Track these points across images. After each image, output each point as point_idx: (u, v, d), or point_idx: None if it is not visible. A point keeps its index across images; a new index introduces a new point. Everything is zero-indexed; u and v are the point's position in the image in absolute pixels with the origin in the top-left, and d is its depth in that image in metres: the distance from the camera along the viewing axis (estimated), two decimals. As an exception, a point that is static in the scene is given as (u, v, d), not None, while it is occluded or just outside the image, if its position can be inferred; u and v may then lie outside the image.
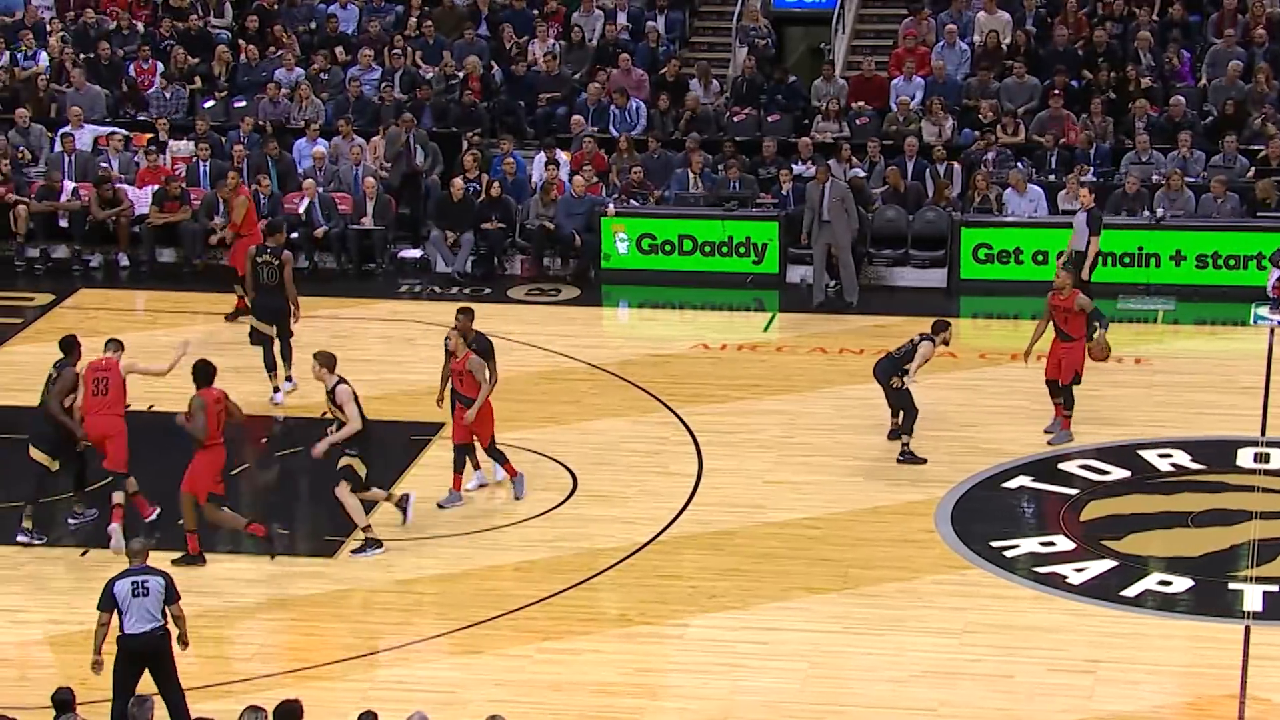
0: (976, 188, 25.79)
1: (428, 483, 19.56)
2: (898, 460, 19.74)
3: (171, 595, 14.43)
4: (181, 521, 17.75)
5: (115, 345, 18.56)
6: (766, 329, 24.47)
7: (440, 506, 18.93)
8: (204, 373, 17.78)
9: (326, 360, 18.03)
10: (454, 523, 18.62)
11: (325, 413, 18.27)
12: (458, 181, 26.29)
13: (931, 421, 20.41)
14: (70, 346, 18.45)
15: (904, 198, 26.18)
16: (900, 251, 25.92)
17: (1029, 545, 18.26)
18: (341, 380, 17.98)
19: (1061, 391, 20.28)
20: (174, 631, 14.48)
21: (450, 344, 18.94)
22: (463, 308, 19.48)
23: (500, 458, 19.16)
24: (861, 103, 28.08)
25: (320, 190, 26.40)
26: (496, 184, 26.35)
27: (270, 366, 21.49)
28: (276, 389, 21.49)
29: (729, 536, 18.39)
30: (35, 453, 18.25)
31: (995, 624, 16.75)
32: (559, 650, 16.31)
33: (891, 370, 19.91)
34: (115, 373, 18.22)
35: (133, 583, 14.35)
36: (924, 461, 19.68)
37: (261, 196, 26.28)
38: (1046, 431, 20.41)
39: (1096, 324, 20.62)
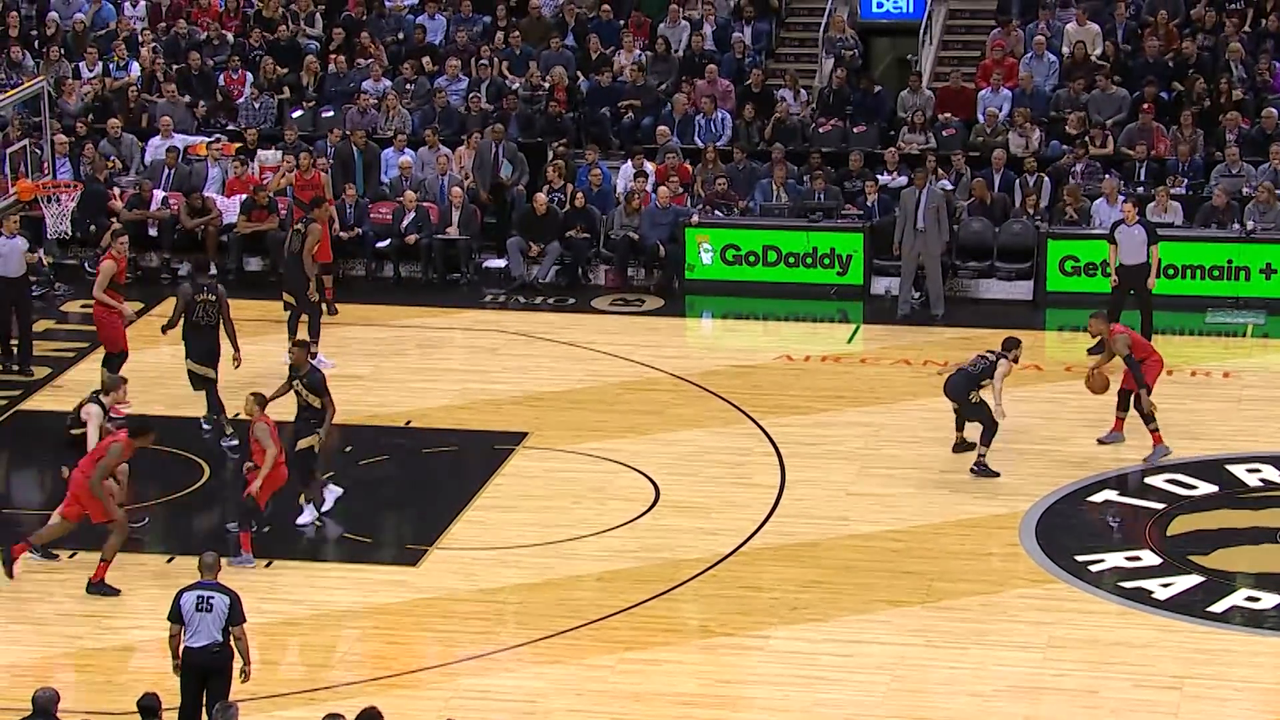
0: (1066, 200, 25.62)
1: (509, 492, 19.60)
2: (971, 471, 19.60)
3: (235, 616, 14.34)
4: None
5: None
6: (850, 340, 24.39)
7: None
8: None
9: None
10: (536, 533, 18.64)
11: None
12: (540, 197, 26.34)
13: (1016, 435, 20.29)
14: None
15: (990, 210, 26.04)
16: (986, 264, 25.78)
17: (1114, 560, 18.11)
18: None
19: (1132, 403, 20.13)
20: (235, 652, 14.44)
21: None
22: (298, 341, 19.89)
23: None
24: (948, 114, 27.95)
25: (400, 200, 26.51)
26: (581, 194, 26.39)
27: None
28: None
29: (811, 548, 18.34)
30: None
31: (1080, 639, 16.62)
32: (640, 661, 16.30)
33: (967, 386, 19.77)
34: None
35: (198, 597, 14.37)
36: (997, 475, 19.55)
37: (348, 205, 26.44)
38: (1100, 441, 20.30)
39: (1099, 355, 20.57)
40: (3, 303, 22.74)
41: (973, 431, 19.90)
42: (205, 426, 20.69)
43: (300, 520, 18.75)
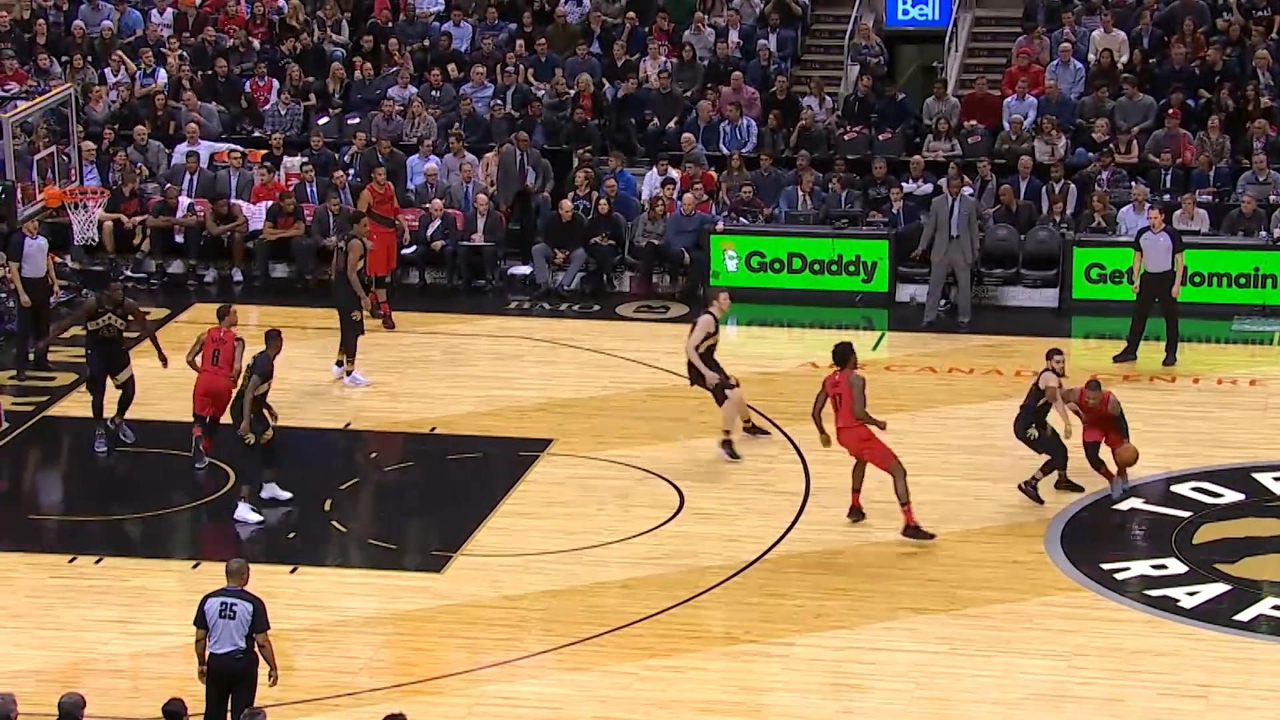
0: (1093, 208, 25.58)
1: (533, 499, 19.62)
2: (1019, 487, 19.39)
3: (259, 623, 14.32)
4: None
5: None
6: (875, 348, 24.36)
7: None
8: (844, 353, 18.84)
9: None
10: (560, 539, 18.65)
11: None
12: (565, 203, 26.36)
13: (1043, 443, 20.24)
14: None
15: (1016, 217, 26.01)
16: (1012, 271, 25.75)
17: (1140, 568, 18.07)
18: None
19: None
20: (260, 659, 14.40)
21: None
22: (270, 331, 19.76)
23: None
24: (974, 121, 27.93)
25: (426, 206, 26.55)
26: (605, 201, 26.41)
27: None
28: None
29: (836, 555, 18.32)
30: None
31: (1105, 647, 16.58)
32: (664, 668, 16.29)
33: (1025, 422, 19.42)
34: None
35: (222, 603, 14.35)
36: (1041, 503, 19.31)
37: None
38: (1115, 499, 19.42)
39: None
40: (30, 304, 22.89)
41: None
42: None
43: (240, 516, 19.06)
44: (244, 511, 19.05)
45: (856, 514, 18.87)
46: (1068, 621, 17.02)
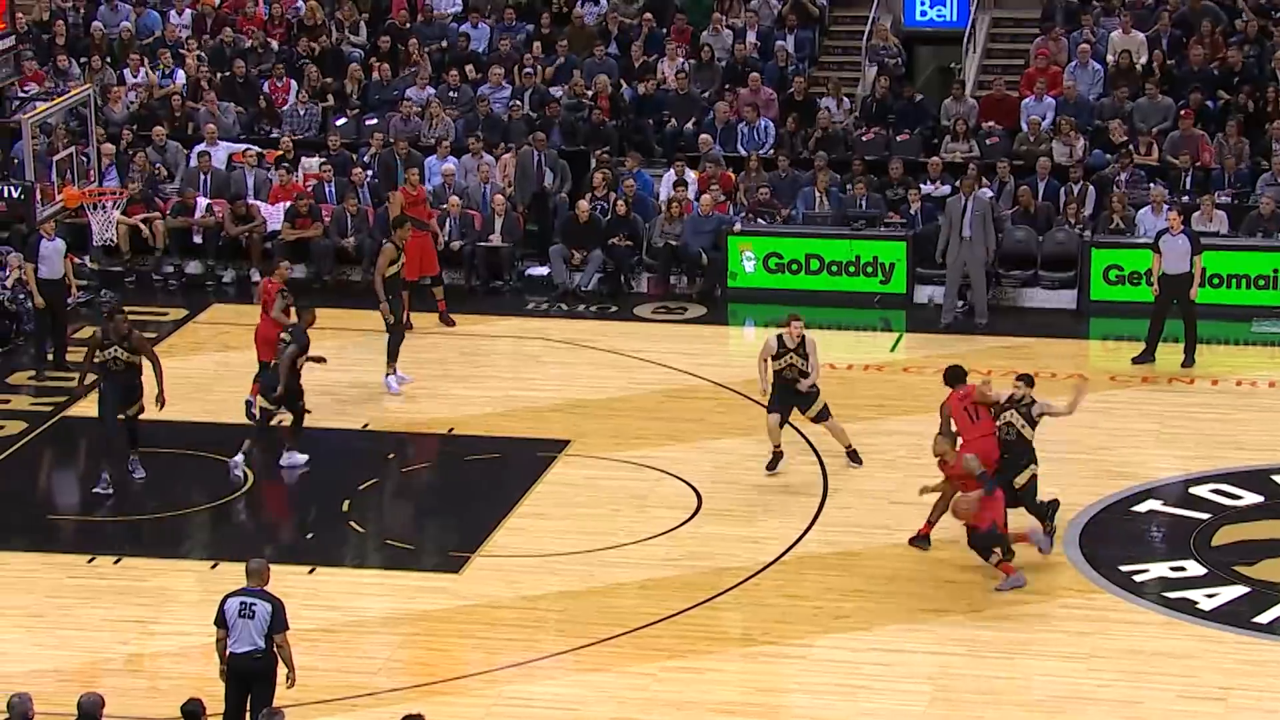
0: (1111, 209, 25.53)
1: (551, 500, 19.62)
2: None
3: (278, 623, 14.34)
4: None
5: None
6: (894, 349, 24.34)
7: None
8: (956, 374, 18.47)
9: None
10: (577, 540, 18.65)
11: None
12: (583, 204, 26.36)
13: (1061, 444, 20.19)
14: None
15: (1034, 218, 25.97)
16: (1030, 272, 25.70)
17: (1159, 570, 18.04)
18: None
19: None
20: (279, 659, 14.44)
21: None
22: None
23: None
24: (992, 122, 27.88)
25: (444, 207, 26.55)
26: (622, 202, 26.41)
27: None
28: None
29: (854, 557, 18.31)
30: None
31: (1123, 649, 16.56)
32: (682, 669, 16.29)
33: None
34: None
35: (241, 603, 14.38)
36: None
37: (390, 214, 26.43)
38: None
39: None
40: (46, 305, 22.93)
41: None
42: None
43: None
44: (292, 458, 19.92)
45: (923, 542, 18.45)
46: (1086, 624, 17.00)
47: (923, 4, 29.78)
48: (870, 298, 25.62)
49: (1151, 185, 25.91)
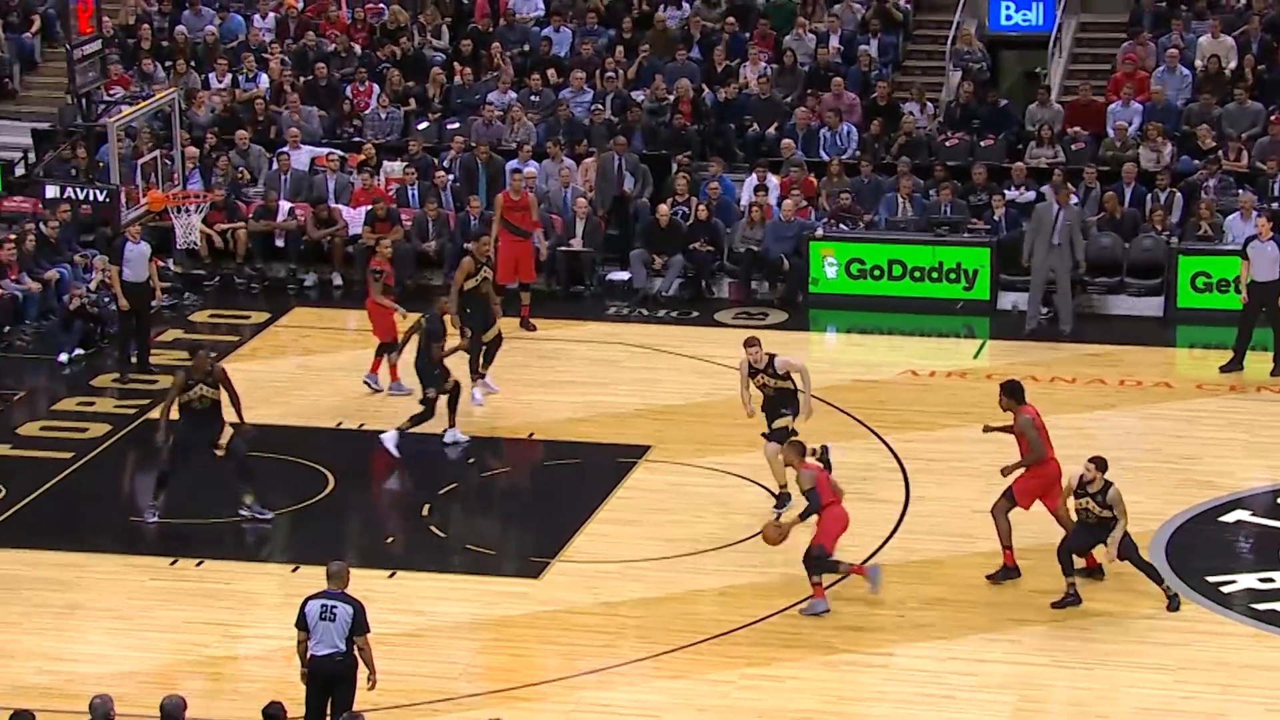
0: (1199, 215, 25.26)
1: (631, 506, 19.57)
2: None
3: (359, 626, 14.33)
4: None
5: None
6: (977, 356, 24.16)
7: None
8: (1015, 390, 17.93)
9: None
10: (658, 546, 18.57)
11: None
12: (663, 208, 26.32)
13: (1147, 453, 20.05)
14: None
15: (1120, 225, 25.73)
16: (1115, 279, 25.47)
17: (1247, 581, 17.80)
18: None
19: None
20: (359, 662, 14.42)
21: None
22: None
23: None
24: (1077, 128, 27.65)
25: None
26: (704, 207, 26.33)
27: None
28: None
29: (936, 565, 18.16)
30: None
31: (1210, 661, 16.35)
32: (762, 676, 16.19)
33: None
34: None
35: (323, 605, 14.37)
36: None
37: (471, 218, 26.50)
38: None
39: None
40: (130, 307, 23.05)
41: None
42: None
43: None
44: (390, 438, 20.30)
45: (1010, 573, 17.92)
46: (1171, 634, 16.80)
47: (1008, 8, 29.58)
48: (953, 304, 25.46)
49: (1240, 191, 25.64)
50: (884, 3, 30.02)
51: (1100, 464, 17.16)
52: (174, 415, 19.06)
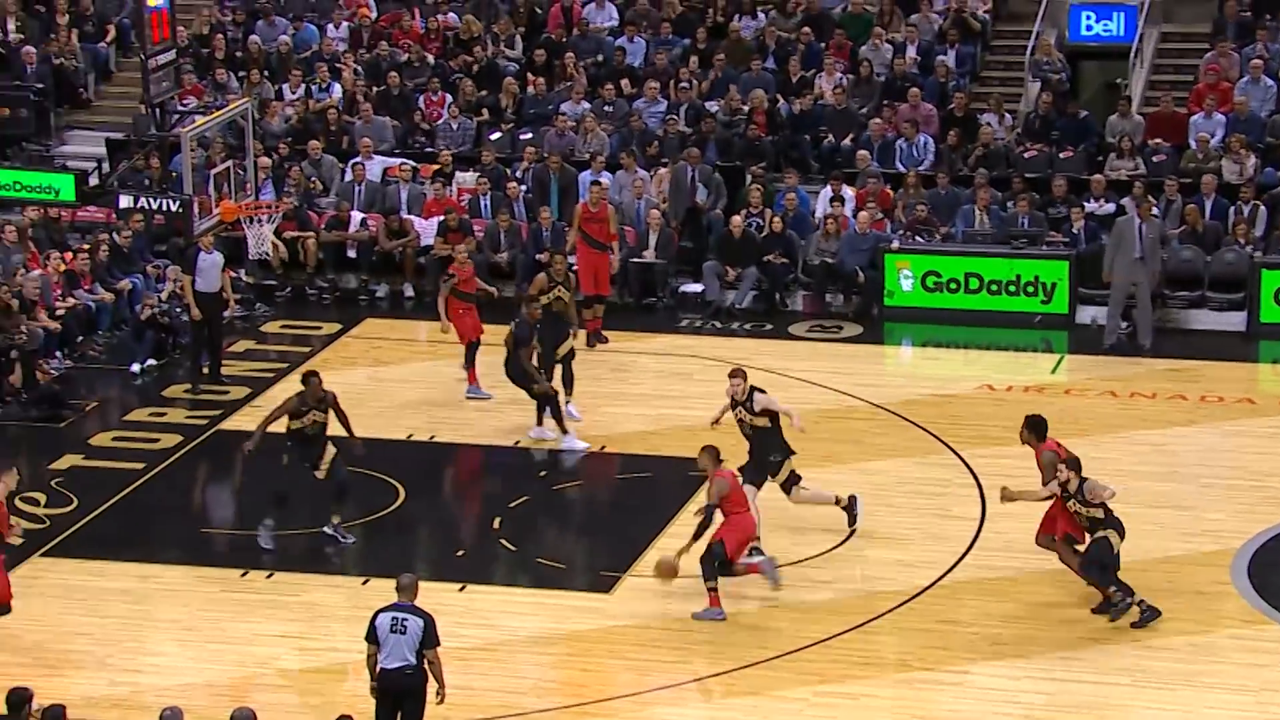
0: (1283, 228, 24.96)
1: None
2: None
3: (429, 639, 14.26)
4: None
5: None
6: (1055, 370, 23.89)
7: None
8: (1039, 426, 17.73)
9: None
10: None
11: None
12: (736, 219, 26.15)
13: (1228, 469, 19.76)
14: None
15: (1202, 238, 25.38)
16: (1197, 293, 25.12)
17: (1332, 601, 17.49)
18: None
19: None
20: (429, 675, 14.34)
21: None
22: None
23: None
24: (1159, 139, 27.32)
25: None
26: (779, 219, 26.14)
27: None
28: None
29: (1013, 583, 17.92)
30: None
31: (1296, 683, 16.06)
32: (836, 694, 16.01)
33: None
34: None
35: (393, 618, 14.30)
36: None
37: (543, 230, 26.39)
38: None
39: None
40: (202, 318, 23.03)
41: None
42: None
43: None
44: (570, 441, 20.63)
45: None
46: (1255, 655, 16.53)
47: (1089, 18, 29.25)
48: (1031, 318, 25.20)
49: (1324, 204, 25.28)
50: (962, 12, 29.77)
51: (1072, 463, 17.12)
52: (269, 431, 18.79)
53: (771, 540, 18.80)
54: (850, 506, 18.94)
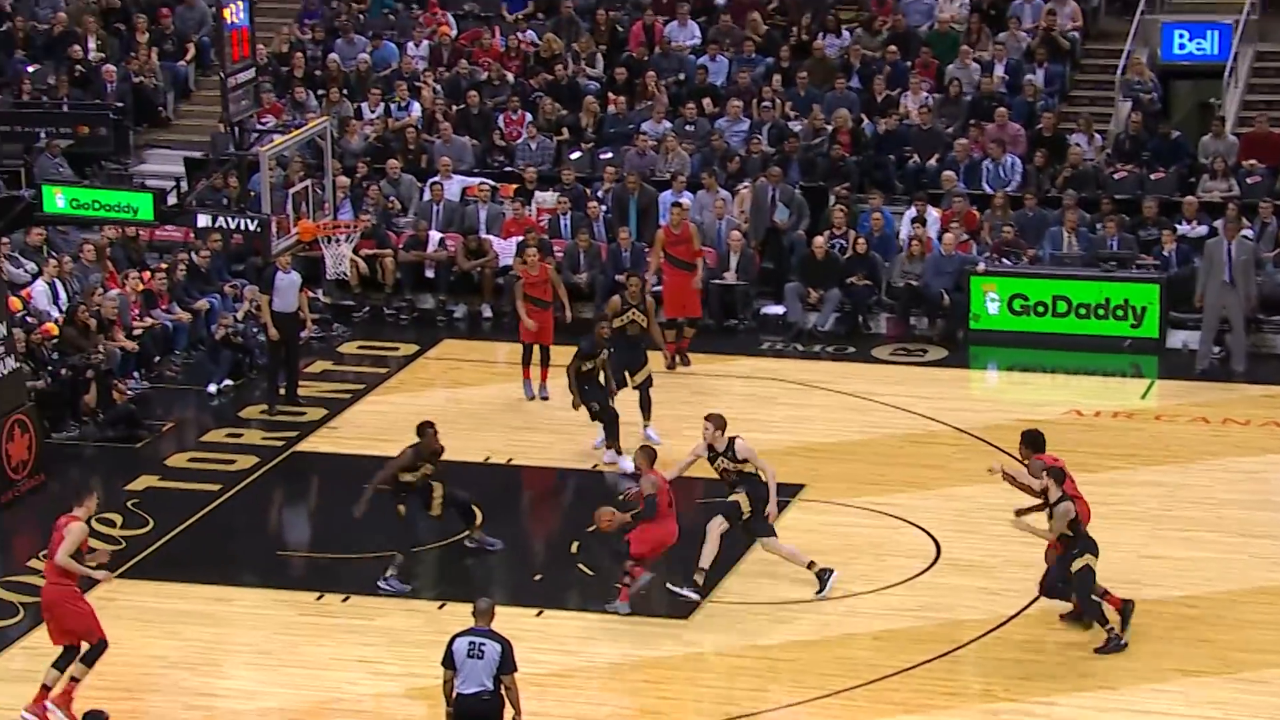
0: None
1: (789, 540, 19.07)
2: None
3: (507, 665, 14.16)
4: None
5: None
6: (1145, 396, 23.47)
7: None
8: (1036, 440, 17.68)
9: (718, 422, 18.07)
10: (811, 588, 18.06)
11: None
12: (819, 240, 25.86)
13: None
14: None
15: (1296, 261, 24.94)
16: (1292, 318, 24.71)
17: None
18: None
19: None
20: (506, 701, 14.21)
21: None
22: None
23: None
24: (1254, 160, 26.85)
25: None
26: (863, 240, 25.81)
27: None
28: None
29: (1101, 612, 17.53)
30: None
31: (1396, 720, 15.61)
32: (919, 725, 15.71)
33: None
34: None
35: (470, 643, 14.22)
36: None
37: (622, 250, 26.16)
38: None
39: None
40: (279, 338, 22.88)
41: None
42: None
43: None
44: (625, 463, 20.49)
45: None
46: (1353, 689, 16.09)
47: (1181, 37, 28.82)
48: (1120, 342, 24.80)
49: None
50: (1051, 31, 29.38)
51: (1055, 474, 17.05)
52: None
53: (853, 566, 18.53)
54: (823, 574, 18.21)
